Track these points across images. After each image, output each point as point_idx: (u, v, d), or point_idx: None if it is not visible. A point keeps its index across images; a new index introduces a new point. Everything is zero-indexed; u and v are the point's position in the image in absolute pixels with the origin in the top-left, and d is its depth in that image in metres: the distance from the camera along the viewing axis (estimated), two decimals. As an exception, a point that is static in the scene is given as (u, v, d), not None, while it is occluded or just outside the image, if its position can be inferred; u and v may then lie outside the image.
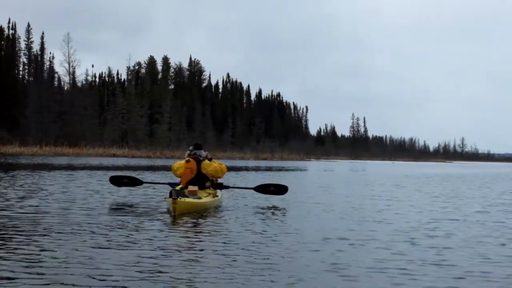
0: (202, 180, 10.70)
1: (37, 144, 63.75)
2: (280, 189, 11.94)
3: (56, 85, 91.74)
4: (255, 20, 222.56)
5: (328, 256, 6.11)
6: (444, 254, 6.44)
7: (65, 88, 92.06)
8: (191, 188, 10.03)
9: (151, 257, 5.70)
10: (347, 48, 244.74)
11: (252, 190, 12.20)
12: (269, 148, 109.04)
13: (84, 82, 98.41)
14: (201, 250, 6.25)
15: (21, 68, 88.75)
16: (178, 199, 8.83)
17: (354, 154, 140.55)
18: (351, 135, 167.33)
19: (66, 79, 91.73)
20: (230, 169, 34.23)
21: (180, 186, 10.45)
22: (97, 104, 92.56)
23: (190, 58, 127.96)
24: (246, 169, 36.93)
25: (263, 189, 11.99)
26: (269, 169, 38.30)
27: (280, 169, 38.11)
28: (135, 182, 12.27)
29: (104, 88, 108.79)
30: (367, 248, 6.69)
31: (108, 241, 6.59)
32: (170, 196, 8.95)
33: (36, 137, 67.55)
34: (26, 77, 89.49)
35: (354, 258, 6.00)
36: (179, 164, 10.96)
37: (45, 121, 75.23)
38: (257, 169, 37.46)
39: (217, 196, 10.70)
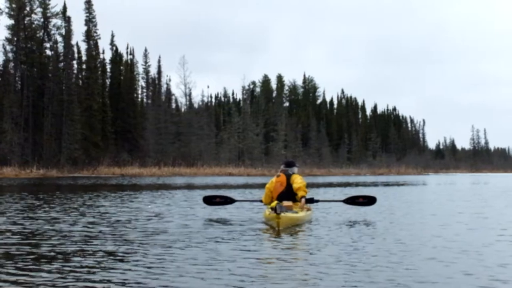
0: (292, 193, 10.74)
1: (155, 165, 64.81)
2: (369, 200, 11.94)
3: (173, 106, 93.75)
4: (370, 34, 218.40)
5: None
6: None
7: (182, 110, 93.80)
8: (286, 203, 10.13)
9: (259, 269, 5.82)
10: (465, 58, 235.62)
11: (341, 203, 12.24)
12: (385, 163, 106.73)
13: (200, 103, 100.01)
14: (310, 264, 6.10)
15: (139, 92, 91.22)
16: (282, 214, 9.03)
17: (475, 167, 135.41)
18: (471, 147, 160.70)
19: (182, 100, 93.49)
20: (345, 185, 33.81)
21: (276, 202, 10.05)
22: (213, 124, 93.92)
23: (304, 75, 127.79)
24: (364, 184, 35.43)
25: (352, 200, 12.02)
26: (387, 184, 36.43)
27: (397, 184, 36.05)
28: (227, 201, 12.42)
29: (220, 108, 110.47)
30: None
31: (215, 253, 6.76)
32: (275, 211, 9.04)
33: (154, 158, 68.82)
34: (145, 100, 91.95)
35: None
36: (270, 181, 11.20)
37: (163, 142, 76.71)
38: (374, 184, 35.86)
39: (309, 210, 10.89)
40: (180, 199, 17.35)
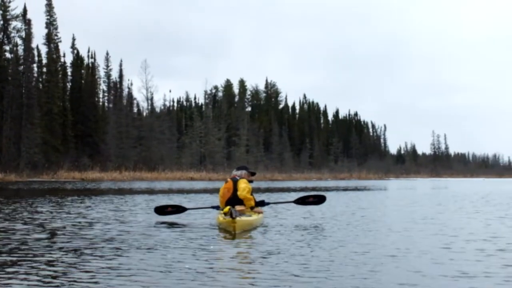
0: (239, 199, 10.82)
1: (116, 169, 64.51)
2: (319, 199, 12.32)
3: (135, 111, 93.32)
4: (331, 40, 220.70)
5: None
6: None
7: (144, 114, 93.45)
8: (238, 207, 10.34)
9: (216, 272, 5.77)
10: (427, 64, 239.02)
11: (292, 204, 12.47)
12: (347, 168, 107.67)
13: (162, 107, 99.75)
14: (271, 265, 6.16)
15: (100, 96, 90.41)
16: (237, 218, 9.17)
17: (435, 172, 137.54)
18: (432, 152, 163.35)
19: (144, 104, 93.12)
20: (306, 190, 33.70)
21: (229, 207, 10.11)
22: (175, 129, 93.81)
23: (266, 80, 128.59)
24: (326, 189, 35.48)
25: (303, 200, 12.30)
26: (346, 189, 36.60)
27: (357, 189, 36.28)
28: (179, 210, 12.29)
29: (182, 113, 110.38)
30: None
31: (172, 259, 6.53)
32: (230, 215, 9.19)
33: (115, 163, 68.48)
34: (106, 104, 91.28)
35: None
36: (222, 186, 11.29)
37: (124, 147, 76.40)
38: (336, 189, 35.94)
39: (261, 213, 11.02)
40: (129, 204, 16.84)
